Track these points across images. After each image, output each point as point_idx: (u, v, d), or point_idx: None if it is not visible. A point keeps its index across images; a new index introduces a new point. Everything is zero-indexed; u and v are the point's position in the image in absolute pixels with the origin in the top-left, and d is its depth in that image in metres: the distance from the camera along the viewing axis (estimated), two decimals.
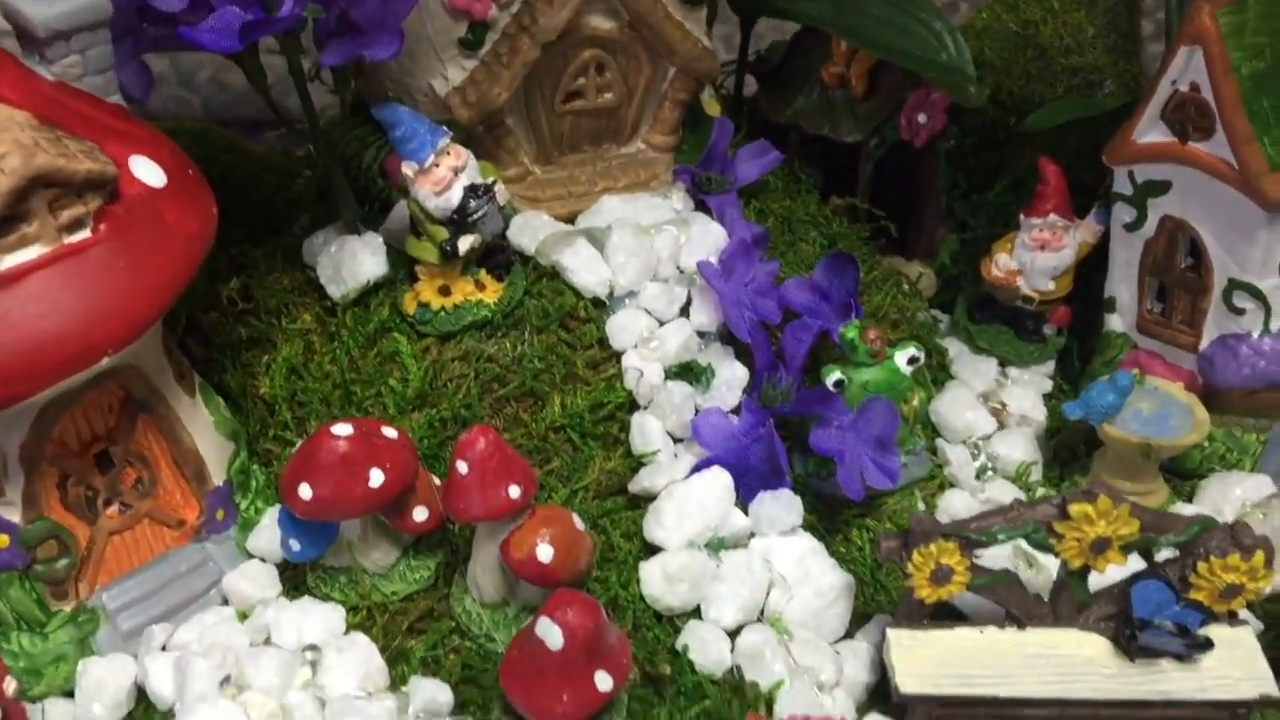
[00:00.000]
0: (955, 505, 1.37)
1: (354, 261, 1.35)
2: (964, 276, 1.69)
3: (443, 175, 1.24)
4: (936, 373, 1.54)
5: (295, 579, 1.23)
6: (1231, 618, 1.14)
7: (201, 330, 1.43)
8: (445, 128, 1.26)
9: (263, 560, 1.25)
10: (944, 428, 1.47)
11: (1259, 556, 1.09)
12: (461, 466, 1.09)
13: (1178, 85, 1.32)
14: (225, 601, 1.22)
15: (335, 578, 1.20)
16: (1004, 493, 1.40)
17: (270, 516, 1.25)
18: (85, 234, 1.01)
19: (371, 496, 1.11)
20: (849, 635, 1.23)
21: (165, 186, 1.08)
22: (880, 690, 1.18)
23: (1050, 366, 1.60)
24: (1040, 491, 1.42)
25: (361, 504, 1.11)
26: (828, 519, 1.34)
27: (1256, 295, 1.37)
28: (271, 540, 1.23)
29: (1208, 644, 1.10)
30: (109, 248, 1.02)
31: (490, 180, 1.28)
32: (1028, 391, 1.53)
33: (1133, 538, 1.09)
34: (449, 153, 1.24)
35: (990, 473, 1.44)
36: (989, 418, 1.48)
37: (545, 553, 1.09)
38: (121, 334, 1.02)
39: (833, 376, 1.29)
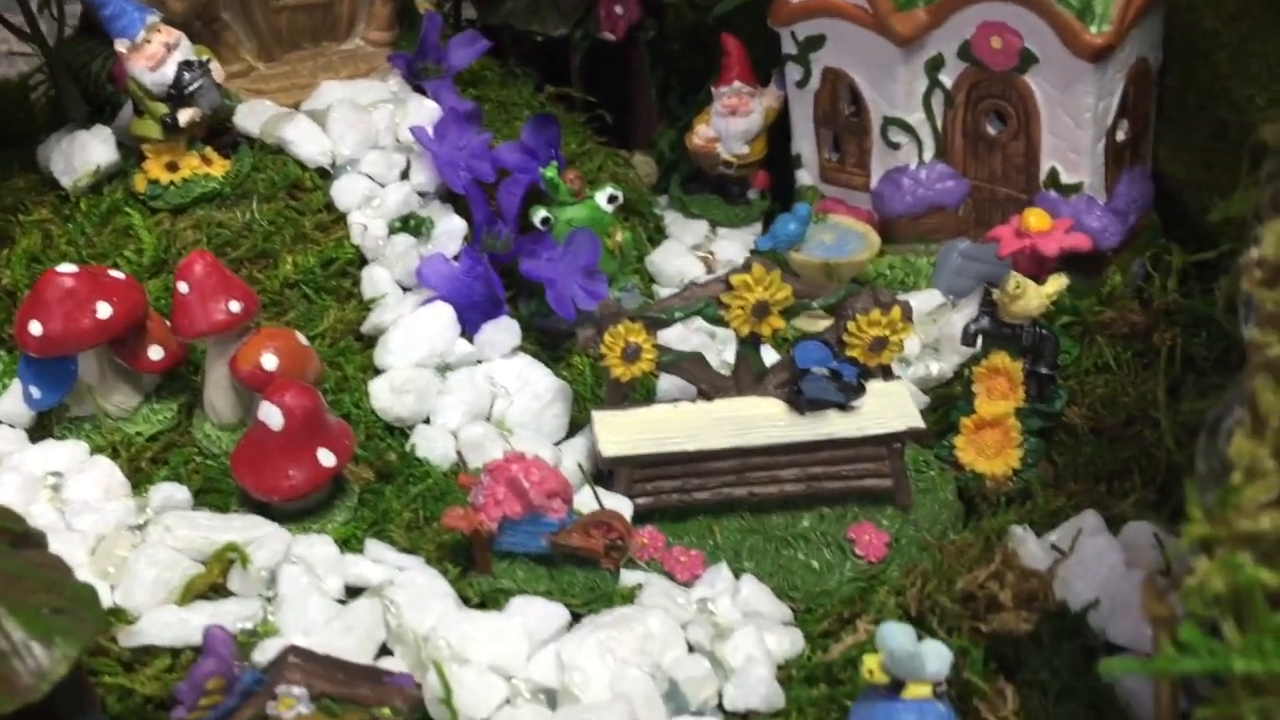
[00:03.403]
0: (667, 336, 1.53)
1: (84, 151, 1.43)
2: (681, 161, 1.86)
3: (155, 50, 1.34)
4: (653, 234, 1.71)
5: (42, 438, 1.29)
6: (886, 373, 1.32)
7: None
8: (155, 9, 1.36)
9: (11, 426, 1.30)
10: (659, 275, 1.63)
11: (896, 311, 1.27)
12: (182, 287, 1.18)
13: None
14: None
15: (80, 426, 1.28)
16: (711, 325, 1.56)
17: (15, 388, 1.31)
18: None
19: (101, 328, 1.19)
20: (570, 438, 1.37)
21: None
22: (596, 476, 1.32)
23: (757, 228, 1.78)
24: None
25: (91, 335, 1.19)
26: (551, 350, 1.47)
27: (907, 129, 1.58)
28: (17, 404, 1.28)
29: (860, 388, 1.28)
30: None
31: (205, 58, 1.38)
32: (734, 243, 1.71)
33: (788, 302, 1.27)
34: (160, 30, 1.34)
35: None
36: (698, 264, 1.65)
37: (270, 361, 1.20)
38: None
39: (539, 214, 1.44)
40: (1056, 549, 1.15)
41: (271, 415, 1.11)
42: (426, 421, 1.32)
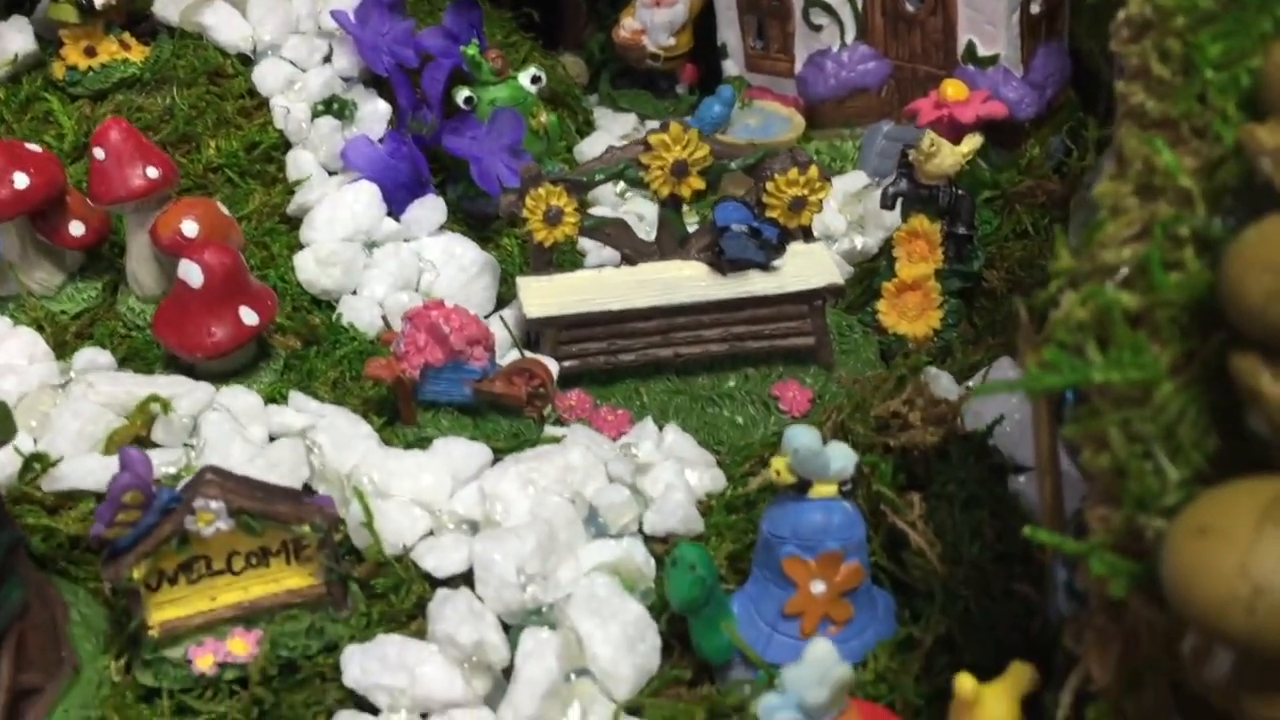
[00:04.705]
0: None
1: (1, 41, 1.42)
2: (610, 61, 1.87)
3: None
4: (581, 126, 1.72)
5: None
6: (806, 235, 1.34)
7: None
8: None
9: None
10: None
11: (813, 170, 1.29)
12: (99, 153, 1.18)
13: None
14: None
15: (4, 305, 1.27)
16: (641, 207, 1.58)
17: None
18: None
19: (18, 199, 1.19)
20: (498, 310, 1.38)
21: None
22: (524, 343, 1.33)
23: (686, 121, 1.79)
24: None
25: (8, 206, 1.19)
26: (479, 231, 1.48)
27: (828, 10, 1.60)
28: None
29: (780, 248, 1.30)
30: None
31: None
32: None
33: (707, 162, 1.28)
34: None
35: (630, 192, 1.62)
36: None
37: (190, 228, 1.20)
38: None
39: (463, 94, 1.45)
40: (969, 388, 1.18)
41: (191, 273, 1.12)
42: (353, 294, 1.32)
